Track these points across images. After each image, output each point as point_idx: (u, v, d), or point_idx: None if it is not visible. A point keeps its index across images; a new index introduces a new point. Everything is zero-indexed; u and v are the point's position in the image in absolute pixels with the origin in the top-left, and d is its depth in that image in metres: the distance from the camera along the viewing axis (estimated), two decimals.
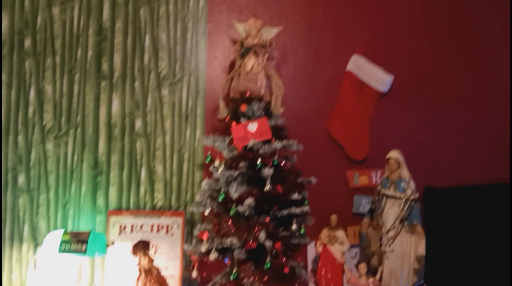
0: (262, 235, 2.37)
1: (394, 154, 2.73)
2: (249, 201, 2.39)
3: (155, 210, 2.86)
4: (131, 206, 2.85)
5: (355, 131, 3.04)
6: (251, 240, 2.40)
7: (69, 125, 2.82)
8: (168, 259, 2.78)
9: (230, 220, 2.47)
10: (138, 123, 2.88)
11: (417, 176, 2.77)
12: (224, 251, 2.49)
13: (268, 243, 2.36)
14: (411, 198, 2.65)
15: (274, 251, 2.39)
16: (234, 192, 2.44)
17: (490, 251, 2.91)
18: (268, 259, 2.35)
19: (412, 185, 2.70)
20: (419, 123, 3.09)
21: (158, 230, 2.81)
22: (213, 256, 2.43)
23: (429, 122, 3.10)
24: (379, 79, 3.04)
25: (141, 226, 2.80)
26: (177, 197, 2.89)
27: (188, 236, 2.84)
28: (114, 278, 2.72)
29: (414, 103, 3.09)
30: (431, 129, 3.10)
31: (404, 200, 2.66)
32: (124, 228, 2.78)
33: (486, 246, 2.92)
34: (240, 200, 2.44)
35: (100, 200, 2.84)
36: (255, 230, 2.40)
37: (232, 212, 2.43)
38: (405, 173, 2.73)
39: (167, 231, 2.81)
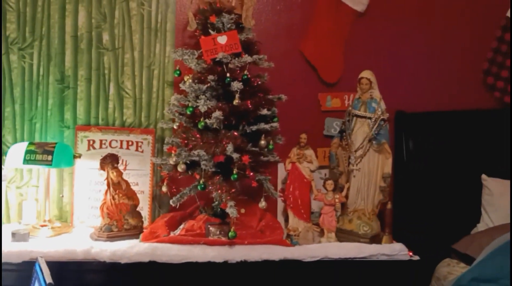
0: (230, 148, 2.37)
1: (366, 74, 2.68)
2: (217, 113, 2.37)
3: (124, 127, 2.82)
4: (99, 122, 2.81)
5: (329, 53, 2.98)
6: (219, 153, 2.40)
7: (33, 37, 2.70)
8: (138, 176, 2.78)
9: (198, 134, 2.46)
10: (106, 37, 2.77)
11: (390, 100, 2.73)
12: (194, 166, 2.50)
13: (235, 155, 2.36)
14: (381, 117, 2.65)
15: (242, 164, 2.40)
16: (202, 105, 2.41)
17: (458, 174, 2.98)
18: (235, 171, 2.36)
19: (383, 105, 2.67)
20: (395, 46, 3.04)
21: (128, 147, 2.79)
22: (180, 167, 2.43)
23: (405, 45, 3.05)
24: None
25: (110, 142, 2.77)
26: (147, 114, 2.84)
27: (158, 153, 2.83)
28: (82, 191, 2.72)
29: (391, 25, 3.03)
30: (407, 53, 3.06)
31: (373, 119, 2.65)
32: (93, 143, 2.75)
33: (455, 170, 2.99)
34: (208, 114, 2.42)
35: (68, 115, 2.77)
36: (223, 144, 2.40)
37: (200, 125, 2.41)
38: (376, 93, 2.68)
39: (137, 148, 2.79)
